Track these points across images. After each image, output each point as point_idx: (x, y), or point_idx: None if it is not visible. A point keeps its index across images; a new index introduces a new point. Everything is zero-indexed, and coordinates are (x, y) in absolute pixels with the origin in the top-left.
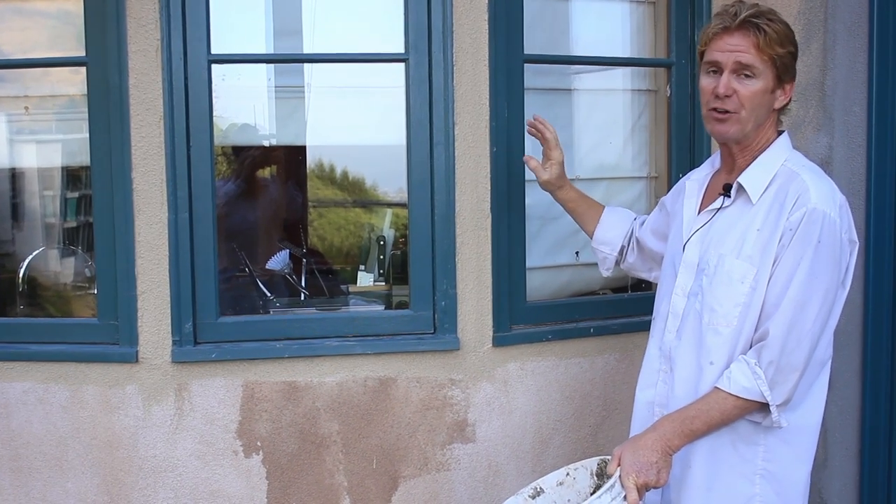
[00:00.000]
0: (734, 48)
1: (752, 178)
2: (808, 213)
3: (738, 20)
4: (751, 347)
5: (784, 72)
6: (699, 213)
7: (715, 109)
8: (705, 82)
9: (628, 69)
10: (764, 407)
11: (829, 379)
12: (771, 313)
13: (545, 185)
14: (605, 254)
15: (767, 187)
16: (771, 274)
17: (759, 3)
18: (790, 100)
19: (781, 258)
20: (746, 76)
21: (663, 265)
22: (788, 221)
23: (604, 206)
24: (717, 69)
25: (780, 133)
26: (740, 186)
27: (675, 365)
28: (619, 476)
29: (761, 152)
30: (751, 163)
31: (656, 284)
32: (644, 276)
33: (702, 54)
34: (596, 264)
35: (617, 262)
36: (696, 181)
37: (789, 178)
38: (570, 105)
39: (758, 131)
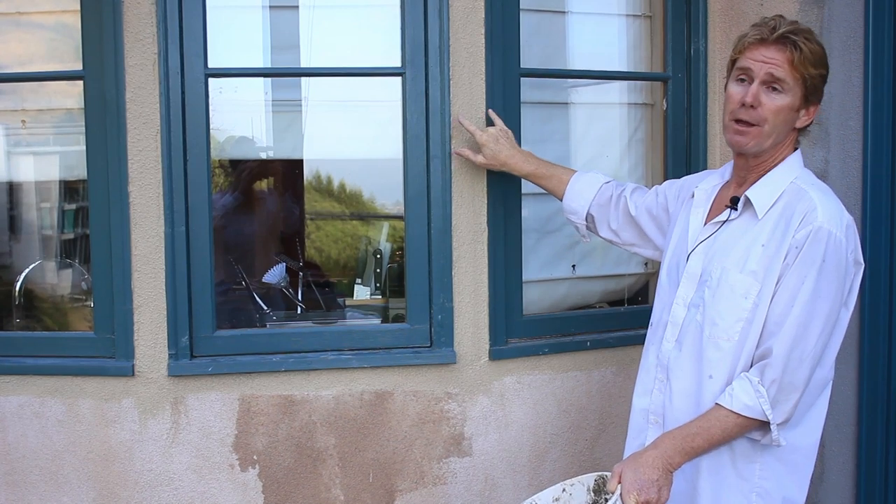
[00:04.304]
0: (768, 60)
1: (759, 192)
2: (813, 232)
3: (777, 34)
4: (752, 364)
5: (812, 93)
6: (705, 224)
7: (736, 121)
8: (734, 90)
9: (625, 83)
10: (764, 425)
11: None
12: (774, 332)
13: (487, 167)
14: (575, 223)
15: (774, 203)
16: (774, 291)
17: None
18: (811, 122)
19: (785, 276)
20: (775, 90)
21: (660, 272)
22: (794, 239)
23: (574, 172)
24: (746, 78)
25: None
26: (748, 200)
27: (673, 375)
28: (620, 494)
29: (773, 168)
30: (762, 177)
31: (653, 296)
32: (649, 254)
33: (733, 62)
34: (593, 277)
35: (589, 229)
36: (703, 191)
37: (797, 195)
38: (567, 119)
39: (776, 148)
